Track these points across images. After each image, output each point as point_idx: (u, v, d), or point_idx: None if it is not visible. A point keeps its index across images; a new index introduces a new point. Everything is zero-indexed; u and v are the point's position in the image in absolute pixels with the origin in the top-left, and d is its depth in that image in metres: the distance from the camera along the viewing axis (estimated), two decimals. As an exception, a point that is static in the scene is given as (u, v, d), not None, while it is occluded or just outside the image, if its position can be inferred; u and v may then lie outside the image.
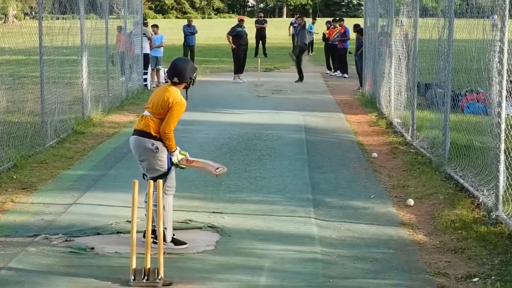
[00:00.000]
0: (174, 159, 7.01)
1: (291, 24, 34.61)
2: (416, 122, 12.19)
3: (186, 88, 7.14)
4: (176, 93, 6.93)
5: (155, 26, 22.60)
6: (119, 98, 17.61)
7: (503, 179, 7.59)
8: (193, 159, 7.33)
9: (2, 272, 6.31)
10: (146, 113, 6.98)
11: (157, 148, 6.85)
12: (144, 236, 6.63)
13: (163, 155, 6.91)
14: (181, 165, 7.15)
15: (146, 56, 20.91)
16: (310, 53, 34.30)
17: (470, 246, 6.96)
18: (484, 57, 8.34)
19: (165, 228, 6.75)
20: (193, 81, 7.12)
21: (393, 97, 14.46)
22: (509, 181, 7.59)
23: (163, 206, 6.75)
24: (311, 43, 33.93)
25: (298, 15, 29.75)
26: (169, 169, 6.98)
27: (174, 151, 6.99)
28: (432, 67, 11.56)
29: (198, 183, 9.57)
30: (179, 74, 6.99)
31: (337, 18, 28.04)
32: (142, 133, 6.90)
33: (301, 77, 23.50)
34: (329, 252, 6.90)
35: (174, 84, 7.01)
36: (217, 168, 7.30)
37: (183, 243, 7.03)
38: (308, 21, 32.74)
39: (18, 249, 6.92)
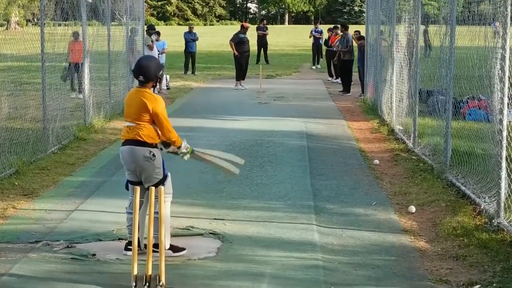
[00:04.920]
0: (183, 149, 7.02)
1: (311, 32, 31.77)
2: (417, 129, 12.19)
3: (154, 86, 7.05)
4: (148, 94, 6.78)
5: (157, 33, 22.62)
6: (121, 105, 17.58)
7: (504, 186, 7.59)
8: (201, 151, 7.30)
9: (4, 279, 6.31)
10: (130, 124, 6.80)
11: (154, 155, 6.76)
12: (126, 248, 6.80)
13: (160, 162, 6.85)
14: (186, 154, 7.12)
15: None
16: (316, 65, 31.86)
17: (471, 253, 6.95)
18: (486, 64, 8.34)
19: None
20: (160, 79, 7.09)
21: (395, 104, 14.47)
22: (510, 188, 7.59)
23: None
24: (320, 50, 31.72)
25: (337, 26, 26.06)
26: (165, 176, 6.95)
27: (181, 145, 6.99)
28: (434, 74, 11.56)
29: (199, 189, 9.58)
30: (144, 72, 6.80)
31: (339, 25, 28.00)
32: (136, 142, 6.75)
33: (345, 89, 22.43)
34: (330, 259, 6.90)
35: (141, 84, 6.85)
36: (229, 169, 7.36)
37: (182, 249, 7.00)
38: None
39: (19, 255, 6.92)
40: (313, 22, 36.11)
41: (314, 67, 31.71)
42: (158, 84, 7.14)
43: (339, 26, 27.61)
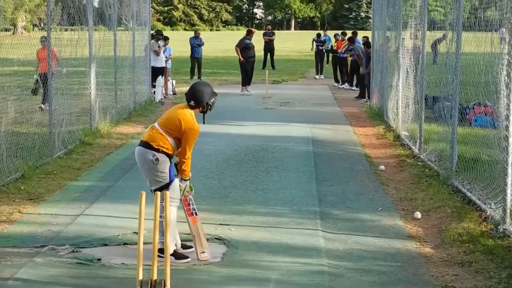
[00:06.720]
0: (182, 187, 7.02)
1: (313, 40, 31.14)
2: (423, 135, 12.17)
3: (203, 112, 7.13)
4: (189, 117, 6.92)
5: (164, 39, 22.69)
6: (127, 110, 17.64)
7: (510, 192, 7.57)
8: (194, 210, 7.21)
9: (9, 283, 6.31)
10: (155, 124, 7.03)
11: (157, 159, 6.83)
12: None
13: (165, 166, 6.88)
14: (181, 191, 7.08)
15: (153, 69, 20.96)
16: (319, 75, 30.50)
17: (477, 259, 6.93)
18: (492, 70, 8.34)
19: None
20: (211, 106, 7.10)
21: (401, 110, 14.45)
22: (516, 195, 7.58)
23: None
24: (323, 60, 30.98)
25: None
26: (171, 181, 6.96)
27: (187, 179, 7.05)
28: (440, 80, 11.55)
29: (205, 194, 9.57)
30: (196, 98, 7.00)
31: (346, 31, 28.03)
32: (145, 144, 6.92)
33: (362, 94, 22.17)
34: (336, 264, 6.89)
35: (190, 107, 7.03)
36: (203, 252, 7.04)
37: (185, 257, 7.01)
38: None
39: (25, 259, 6.93)
40: (319, 29, 35.40)
41: (317, 77, 30.50)
42: (209, 111, 7.17)
43: (346, 32, 27.67)
